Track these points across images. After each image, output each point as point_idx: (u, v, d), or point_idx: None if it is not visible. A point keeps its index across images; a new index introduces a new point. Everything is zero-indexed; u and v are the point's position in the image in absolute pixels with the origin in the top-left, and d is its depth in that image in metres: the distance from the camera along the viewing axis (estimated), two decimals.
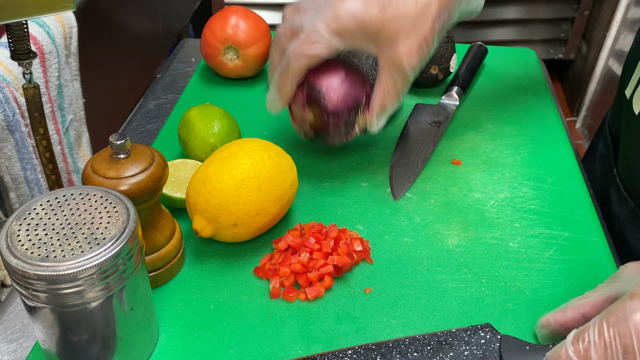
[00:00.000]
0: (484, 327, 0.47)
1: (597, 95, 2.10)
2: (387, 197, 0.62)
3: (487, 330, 0.47)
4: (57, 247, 0.38)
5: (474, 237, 0.58)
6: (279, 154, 0.55)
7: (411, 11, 0.53)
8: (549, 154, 0.68)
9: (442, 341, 0.46)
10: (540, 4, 2.14)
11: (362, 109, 0.59)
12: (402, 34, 0.53)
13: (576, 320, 0.44)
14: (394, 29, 0.53)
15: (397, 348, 0.46)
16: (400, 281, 0.53)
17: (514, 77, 0.83)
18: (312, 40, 0.54)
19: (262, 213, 0.53)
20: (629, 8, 1.91)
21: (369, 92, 0.60)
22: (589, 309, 0.44)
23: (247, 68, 0.77)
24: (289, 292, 0.51)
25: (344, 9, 0.53)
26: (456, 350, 0.46)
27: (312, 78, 0.58)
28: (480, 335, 0.46)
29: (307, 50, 0.55)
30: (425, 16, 0.53)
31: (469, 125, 0.73)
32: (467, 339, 0.46)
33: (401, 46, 0.54)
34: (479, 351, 0.45)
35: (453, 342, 0.46)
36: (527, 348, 0.45)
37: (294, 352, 0.47)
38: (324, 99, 0.58)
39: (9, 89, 0.85)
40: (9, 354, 0.48)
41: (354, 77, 0.59)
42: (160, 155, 0.48)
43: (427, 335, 0.47)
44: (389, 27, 0.53)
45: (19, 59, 0.49)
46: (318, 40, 0.54)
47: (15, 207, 0.98)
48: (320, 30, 0.53)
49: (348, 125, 0.59)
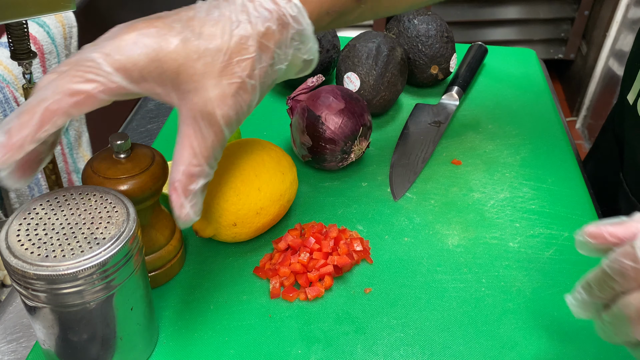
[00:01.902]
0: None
1: (597, 95, 2.10)
2: (387, 197, 0.62)
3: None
4: (57, 247, 0.38)
5: (474, 237, 0.58)
6: (279, 154, 0.55)
7: (223, 45, 0.40)
8: (549, 154, 0.68)
9: None
10: (540, 4, 2.14)
11: (359, 138, 0.61)
12: (212, 74, 0.40)
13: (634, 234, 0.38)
14: (200, 66, 0.39)
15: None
16: (400, 281, 0.53)
17: (514, 77, 0.83)
18: (84, 72, 0.38)
19: (262, 213, 0.53)
20: (629, 8, 1.91)
21: (367, 121, 0.62)
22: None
23: None
24: (289, 292, 0.51)
25: (132, 38, 0.38)
26: None
27: (312, 105, 0.60)
28: None
29: (74, 86, 0.37)
30: (242, 53, 0.40)
31: (469, 125, 0.73)
32: None
33: (211, 90, 0.40)
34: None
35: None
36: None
37: (294, 352, 0.47)
38: (323, 126, 0.60)
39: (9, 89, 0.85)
40: (9, 354, 0.48)
41: (354, 107, 0.61)
42: (160, 155, 0.48)
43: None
44: (194, 65, 0.39)
45: (19, 59, 0.49)
46: (93, 73, 0.38)
47: (15, 207, 0.98)
48: (97, 62, 0.38)
49: (344, 152, 0.61)
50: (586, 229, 0.40)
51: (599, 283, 0.38)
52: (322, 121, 0.60)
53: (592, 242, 0.39)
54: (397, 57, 0.71)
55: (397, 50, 0.71)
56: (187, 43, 0.39)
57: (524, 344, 0.48)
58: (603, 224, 0.39)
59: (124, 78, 0.38)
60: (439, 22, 0.76)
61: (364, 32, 0.73)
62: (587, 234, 0.39)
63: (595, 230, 0.39)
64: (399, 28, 0.76)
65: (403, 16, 0.77)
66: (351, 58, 0.70)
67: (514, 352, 0.47)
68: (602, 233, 0.39)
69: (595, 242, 0.39)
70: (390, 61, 0.70)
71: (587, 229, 0.40)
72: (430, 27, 0.75)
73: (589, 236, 0.39)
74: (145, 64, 0.39)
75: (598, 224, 0.39)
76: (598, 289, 0.38)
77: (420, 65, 0.76)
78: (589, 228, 0.39)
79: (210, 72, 0.40)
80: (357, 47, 0.70)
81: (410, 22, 0.76)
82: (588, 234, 0.39)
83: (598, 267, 0.38)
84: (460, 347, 0.48)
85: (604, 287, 0.38)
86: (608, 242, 0.38)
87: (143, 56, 0.38)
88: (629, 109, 0.63)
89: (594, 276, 0.38)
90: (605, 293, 0.38)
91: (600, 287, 0.38)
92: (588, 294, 0.39)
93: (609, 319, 0.38)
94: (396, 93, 0.72)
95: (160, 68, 0.39)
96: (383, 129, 0.72)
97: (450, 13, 2.07)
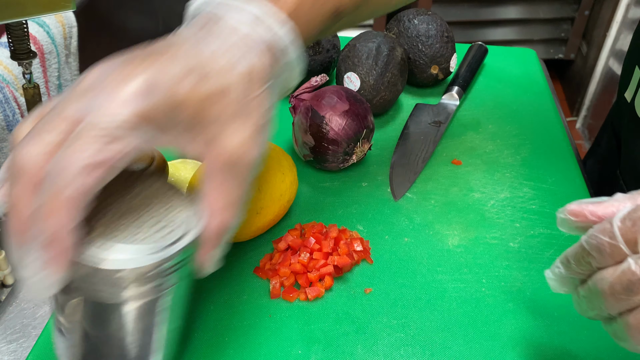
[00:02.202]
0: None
1: (597, 95, 2.10)
2: (387, 197, 0.62)
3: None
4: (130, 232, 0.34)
5: (474, 237, 0.58)
6: (279, 154, 0.55)
7: (233, 82, 0.35)
8: (549, 154, 0.68)
9: None
10: (540, 4, 2.14)
11: (362, 140, 0.61)
12: (231, 118, 0.35)
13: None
14: (216, 111, 0.35)
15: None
16: (400, 281, 0.53)
17: (514, 77, 0.83)
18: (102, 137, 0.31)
19: (262, 213, 0.53)
20: (629, 8, 1.91)
21: (370, 124, 0.62)
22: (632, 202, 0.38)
23: None
24: (289, 292, 0.51)
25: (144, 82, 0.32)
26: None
27: (317, 105, 0.60)
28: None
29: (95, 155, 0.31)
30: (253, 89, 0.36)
31: (469, 125, 0.73)
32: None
33: (234, 137, 0.35)
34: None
35: None
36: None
37: (294, 352, 0.47)
38: (327, 127, 0.60)
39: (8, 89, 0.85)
40: (9, 354, 0.48)
41: (358, 109, 0.61)
42: (160, 155, 0.48)
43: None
44: (210, 108, 0.35)
45: (19, 58, 0.49)
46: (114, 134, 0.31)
47: None
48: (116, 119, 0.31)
49: (346, 154, 0.61)
50: (568, 206, 0.40)
51: (576, 258, 0.38)
52: (326, 122, 0.60)
53: (573, 219, 0.40)
54: (397, 57, 0.71)
55: (397, 50, 0.71)
56: (200, 85, 0.34)
57: (524, 344, 0.48)
58: (585, 203, 0.40)
59: (150, 129, 0.32)
60: (439, 22, 0.76)
61: (364, 32, 0.73)
62: (569, 211, 0.40)
63: (576, 208, 0.40)
64: (399, 28, 0.76)
65: (403, 16, 0.77)
66: (351, 58, 0.70)
67: (514, 352, 0.47)
68: (583, 211, 0.39)
69: (576, 220, 0.40)
70: (390, 61, 0.70)
71: (569, 207, 0.40)
72: (430, 27, 0.75)
73: (571, 214, 0.40)
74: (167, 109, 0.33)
75: (580, 202, 0.40)
76: (575, 264, 0.39)
77: (421, 65, 0.76)
78: (570, 206, 0.40)
79: (229, 116, 0.35)
80: (357, 47, 0.70)
81: (410, 22, 0.76)
82: (569, 211, 0.40)
83: (577, 243, 0.39)
84: (461, 347, 0.48)
85: (581, 262, 0.38)
86: (589, 220, 0.39)
87: (162, 102, 0.33)
88: (627, 106, 0.63)
89: (572, 251, 0.39)
90: (582, 268, 0.38)
91: (577, 262, 0.38)
92: (566, 268, 0.40)
93: (584, 293, 0.39)
94: (396, 93, 0.72)
95: (182, 113, 0.34)
96: (383, 129, 0.72)
97: (450, 13, 2.07)
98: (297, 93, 0.64)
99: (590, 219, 0.39)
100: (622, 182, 0.65)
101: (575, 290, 0.40)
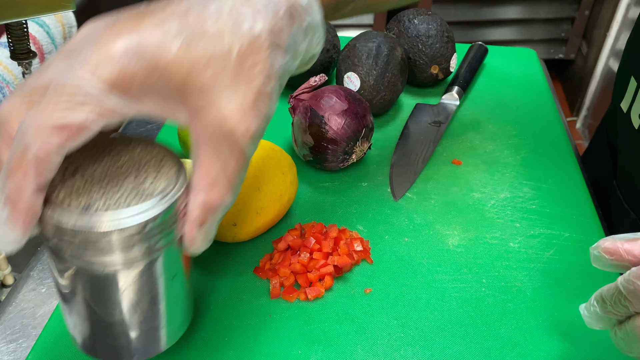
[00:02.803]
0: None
1: (597, 95, 2.10)
2: (387, 197, 0.62)
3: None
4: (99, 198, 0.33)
5: (474, 237, 0.58)
6: (279, 154, 0.55)
7: (232, 47, 0.32)
8: (549, 154, 0.68)
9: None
10: (540, 4, 2.14)
11: (361, 139, 0.61)
12: (225, 83, 0.32)
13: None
14: (209, 75, 0.32)
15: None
16: (400, 281, 0.53)
17: (514, 77, 0.83)
18: (68, 100, 0.30)
19: (262, 213, 0.53)
20: (629, 8, 1.91)
21: (370, 123, 0.62)
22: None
23: None
24: (289, 292, 0.51)
25: (123, 44, 0.31)
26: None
27: (315, 105, 0.60)
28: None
29: (60, 118, 0.30)
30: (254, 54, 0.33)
31: (469, 125, 0.73)
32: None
33: (227, 104, 0.32)
34: None
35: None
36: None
37: (294, 352, 0.47)
38: (326, 126, 0.60)
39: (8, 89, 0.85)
40: (9, 354, 0.48)
41: (357, 108, 0.61)
42: None
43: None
44: (202, 74, 0.32)
45: (19, 58, 0.49)
46: (80, 99, 0.30)
47: None
48: (83, 83, 0.30)
49: (346, 153, 0.61)
50: (602, 243, 0.38)
51: (613, 300, 0.37)
52: (325, 121, 0.60)
53: (608, 257, 0.38)
54: (397, 57, 0.71)
55: (397, 50, 0.71)
56: (191, 47, 0.31)
57: (525, 344, 0.48)
58: (619, 240, 0.38)
59: (121, 97, 0.31)
60: (439, 22, 0.76)
61: (364, 32, 0.73)
62: (603, 249, 0.38)
63: (611, 246, 0.38)
64: (399, 28, 0.76)
65: (403, 16, 0.77)
66: (351, 58, 0.70)
67: (515, 352, 0.47)
68: (619, 250, 0.37)
69: (611, 258, 0.38)
70: (390, 61, 0.70)
71: (603, 244, 0.38)
72: (430, 27, 0.75)
73: (605, 252, 0.38)
74: (144, 77, 0.31)
75: (614, 239, 0.38)
76: (612, 306, 0.37)
77: (421, 65, 0.76)
78: (604, 243, 0.38)
79: (223, 81, 0.32)
80: (357, 47, 0.70)
81: (410, 22, 0.76)
82: (603, 249, 0.38)
83: (613, 284, 0.37)
84: (461, 347, 0.48)
85: (617, 305, 0.37)
86: (624, 259, 0.37)
87: (140, 68, 0.31)
88: (622, 117, 0.62)
89: (608, 292, 0.37)
90: (618, 310, 0.37)
91: (614, 304, 0.37)
92: (602, 308, 0.38)
93: (622, 335, 0.37)
94: (396, 93, 0.72)
95: (163, 80, 0.31)
96: (383, 129, 0.72)
97: (450, 13, 2.07)
98: (296, 93, 0.64)
99: (627, 259, 0.37)
100: (618, 192, 0.64)
101: (612, 329, 0.39)
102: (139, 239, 0.33)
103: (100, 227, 0.32)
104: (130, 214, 0.33)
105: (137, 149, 0.37)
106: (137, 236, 0.33)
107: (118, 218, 0.32)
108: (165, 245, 0.35)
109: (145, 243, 0.34)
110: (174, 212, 0.35)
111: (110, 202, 0.33)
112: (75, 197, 0.33)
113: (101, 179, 0.34)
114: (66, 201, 0.33)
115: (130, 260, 0.34)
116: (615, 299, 0.37)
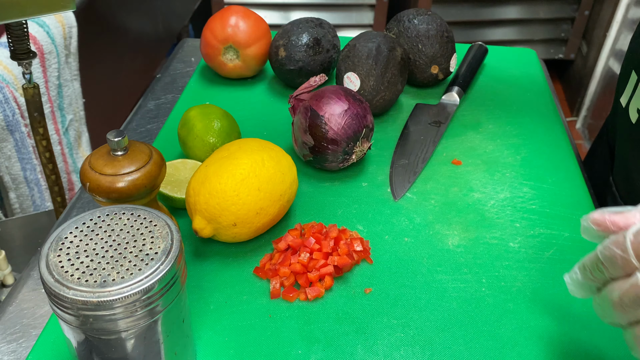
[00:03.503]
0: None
1: (597, 95, 2.10)
2: (387, 197, 0.62)
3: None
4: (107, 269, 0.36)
5: (474, 237, 0.58)
6: (279, 154, 0.55)
7: None
8: (549, 154, 0.68)
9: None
10: (540, 4, 2.14)
11: (361, 139, 0.61)
12: None
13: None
14: None
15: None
16: (400, 281, 0.53)
17: (514, 77, 0.83)
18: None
19: (262, 213, 0.53)
20: (629, 8, 1.91)
21: (370, 123, 0.62)
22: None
23: (247, 68, 0.77)
24: (289, 292, 0.51)
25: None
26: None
27: (316, 105, 0.61)
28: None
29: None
30: None
31: (469, 125, 0.73)
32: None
33: None
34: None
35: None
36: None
37: (294, 352, 0.47)
38: (326, 126, 0.60)
39: (8, 89, 0.85)
40: (9, 354, 0.48)
41: (357, 108, 0.61)
42: (158, 153, 0.48)
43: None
44: None
45: (19, 58, 0.49)
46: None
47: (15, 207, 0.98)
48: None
49: (346, 153, 0.61)
50: (591, 215, 0.41)
51: (592, 266, 0.39)
52: (325, 121, 0.60)
53: (595, 228, 0.41)
54: (397, 57, 0.71)
55: (397, 50, 0.71)
56: None
57: (525, 344, 0.48)
58: (607, 212, 0.40)
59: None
60: (439, 22, 0.76)
61: (364, 32, 0.73)
62: (592, 220, 0.41)
63: (599, 217, 0.40)
64: (399, 28, 0.76)
65: (403, 16, 0.77)
66: (351, 58, 0.70)
67: (515, 352, 0.47)
68: (605, 221, 0.40)
69: (598, 229, 0.40)
70: (390, 61, 0.70)
71: (592, 215, 0.41)
72: (430, 27, 0.75)
73: (593, 222, 0.41)
74: None
75: (603, 211, 0.40)
76: (591, 272, 0.39)
77: (420, 65, 0.76)
78: (594, 214, 0.41)
79: None
80: (357, 47, 0.70)
81: (410, 22, 0.76)
82: (592, 220, 0.41)
83: (594, 251, 0.39)
84: (461, 347, 0.48)
85: (596, 271, 0.39)
86: (610, 230, 0.40)
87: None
88: (621, 111, 0.62)
89: (589, 259, 0.40)
90: (597, 276, 0.39)
91: (593, 270, 0.39)
92: (583, 275, 0.40)
93: (599, 301, 0.39)
94: (396, 93, 0.72)
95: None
96: (383, 129, 0.72)
97: (450, 13, 2.07)
98: (296, 93, 0.64)
99: (611, 229, 0.39)
100: (615, 190, 0.64)
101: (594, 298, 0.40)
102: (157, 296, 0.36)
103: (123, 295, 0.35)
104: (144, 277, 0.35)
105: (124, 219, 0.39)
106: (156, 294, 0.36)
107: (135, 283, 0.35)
108: (177, 295, 0.38)
109: (162, 298, 0.37)
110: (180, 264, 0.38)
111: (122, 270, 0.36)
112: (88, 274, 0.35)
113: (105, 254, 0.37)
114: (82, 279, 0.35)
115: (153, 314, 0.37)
116: (594, 265, 0.39)
